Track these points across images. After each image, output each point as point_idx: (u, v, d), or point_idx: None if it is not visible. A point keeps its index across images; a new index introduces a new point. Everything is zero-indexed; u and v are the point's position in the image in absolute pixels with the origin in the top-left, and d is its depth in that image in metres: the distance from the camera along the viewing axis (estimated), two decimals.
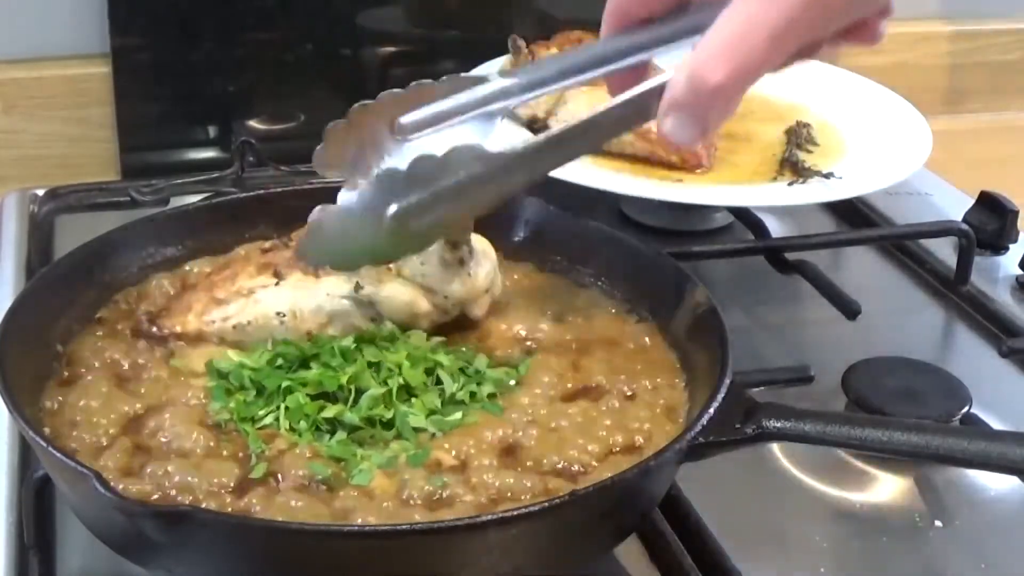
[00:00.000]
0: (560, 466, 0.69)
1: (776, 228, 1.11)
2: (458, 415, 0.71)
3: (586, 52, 0.70)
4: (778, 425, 0.69)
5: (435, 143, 0.71)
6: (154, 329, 0.78)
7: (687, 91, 0.62)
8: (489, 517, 0.60)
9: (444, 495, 0.65)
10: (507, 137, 0.71)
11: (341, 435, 0.69)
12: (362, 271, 0.77)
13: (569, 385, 0.76)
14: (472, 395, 0.73)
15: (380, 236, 0.70)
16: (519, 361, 0.77)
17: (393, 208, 0.69)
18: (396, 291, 0.77)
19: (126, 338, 0.78)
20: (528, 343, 0.79)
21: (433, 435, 0.70)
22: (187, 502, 0.64)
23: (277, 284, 0.77)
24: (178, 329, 0.77)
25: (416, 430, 0.70)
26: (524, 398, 0.74)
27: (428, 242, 0.74)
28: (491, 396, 0.74)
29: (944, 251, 1.10)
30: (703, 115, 0.62)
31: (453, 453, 0.69)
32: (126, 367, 0.76)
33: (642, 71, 0.70)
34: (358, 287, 0.76)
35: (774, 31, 0.60)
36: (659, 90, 0.63)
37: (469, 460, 0.68)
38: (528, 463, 0.69)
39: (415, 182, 0.68)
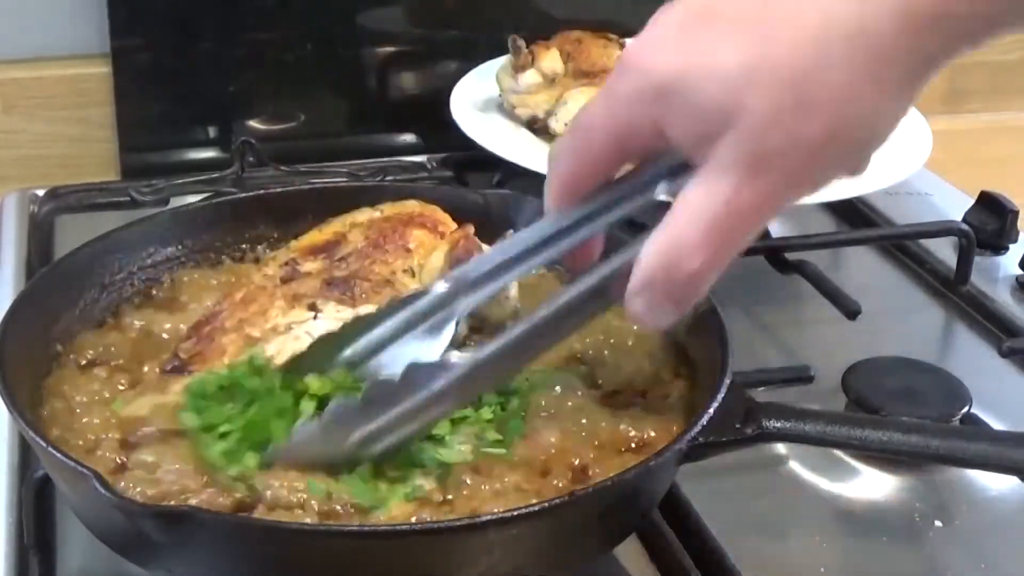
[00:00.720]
0: (565, 466, 0.69)
1: (776, 228, 1.11)
2: (502, 450, 0.68)
3: (534, 234, 0.65)
4: (778, 425, 0.69)
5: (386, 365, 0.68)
6: (185, 375, 0.74)
7: (661, 277, 0.57)
8: (489, 517, 0.60)
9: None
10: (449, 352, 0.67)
11: (363, 470, 0.65)
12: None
13: (570, 386, 0.76)
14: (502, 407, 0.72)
15: (344, 461, 0.65)
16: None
17: (354, 437, 0.64)
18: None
19: (126, 341, 0.78)
20: None
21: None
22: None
23: (315, 318, 0.75)
24: None
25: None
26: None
27: (395, 455, 0.67)
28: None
29: (944, 251, 1.10)
30: (678, 299, 0.58)
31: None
32: (127, 371, 0.76)
33: (596, 243, 0.66)
34: None
35: (758, 214, 0.57)
36: (620, 272, 0.60)
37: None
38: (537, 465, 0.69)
39: (373, 407, 0.64)
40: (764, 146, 0.55)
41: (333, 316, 0.75)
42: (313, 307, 0.76)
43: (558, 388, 0.75)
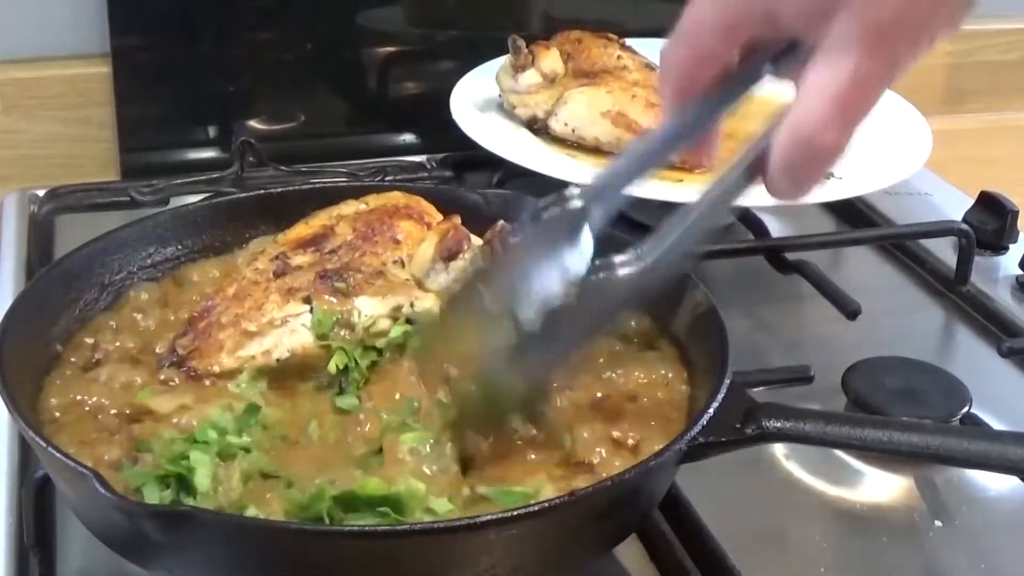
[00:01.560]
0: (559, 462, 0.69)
1: (776, 228, 1.11)
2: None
3: (656, 138, 0.68)
4: (778, 425, 0.69)
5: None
6: (184, 370, 0.74)
7: (800, 155, 0.61)
8: (489, 517, 0.60)
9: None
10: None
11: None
12: (394, 291, 0.77)
13: (568, 384, 0.76)
14: None
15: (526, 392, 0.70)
16: None
17: (537, 364, 0.68)
18: (433, 308, 0.77)
19: (126, 340, 0.78)
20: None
21: None
22: None
23: (311, 311, 0.76)
24: (216, 369, 0.74)
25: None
26: None
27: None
28: None
29: (944, 251, 1.10)
30: (815, 172, 0.62)
31: None
32: (127, 370, 0.75)
33: (714, 137, 0.69)
34: (398, 309, 0.77)
35: (880, 83, 0.59)
36: (762, 156, 0.63)
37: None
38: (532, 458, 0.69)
39: (554, 333, 0.66)
40: (879, 16, 0.57)
41: (329, 310, 0.76)
42: (308, 300, 0.76)
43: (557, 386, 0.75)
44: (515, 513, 0.60)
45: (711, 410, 0.67)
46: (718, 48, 0.65)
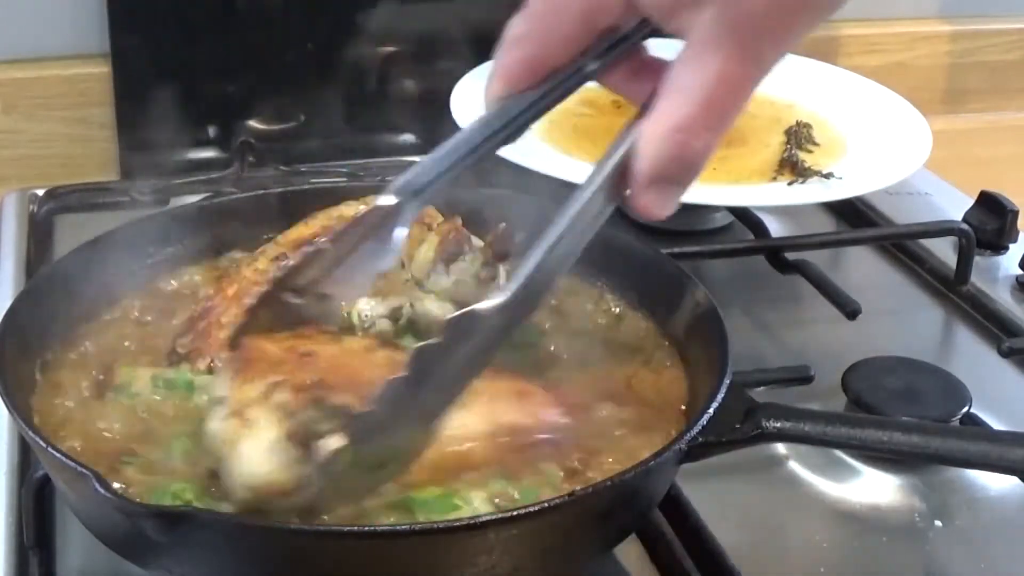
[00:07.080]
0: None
1: (776, 228, 1.11)
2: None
3: (480, 130, 0.62)
4: (778, 425, 0.69)
5: None
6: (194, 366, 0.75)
7: (672, 163, 0.56)
8: (489, 517, 0.60)
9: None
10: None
11: None
12: (394, 292, 0.77)
13: (567, 383, 0.76)
14: None
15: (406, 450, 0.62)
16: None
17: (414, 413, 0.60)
18: (433, 309, 0.77)
19: (126, 340, 0.78)
20: (527, 341, 0.80)
21: None
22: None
23: None
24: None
25: None
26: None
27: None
28: None
29: (944, 251, 1.10)
30: (685, 182, 0.57)
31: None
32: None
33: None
34: (398, 310, 0.77)
35: (750, 81, 0.55)
36: (620, 169, 0.57)
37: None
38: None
39: (426, 377, 0.58)
40: (747, 12, 0.54)
41: None
42: None
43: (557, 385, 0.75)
44: (515, 513, 0.60)
45: (711, 410, 0.67)
46: (573, 34, 0.58)
